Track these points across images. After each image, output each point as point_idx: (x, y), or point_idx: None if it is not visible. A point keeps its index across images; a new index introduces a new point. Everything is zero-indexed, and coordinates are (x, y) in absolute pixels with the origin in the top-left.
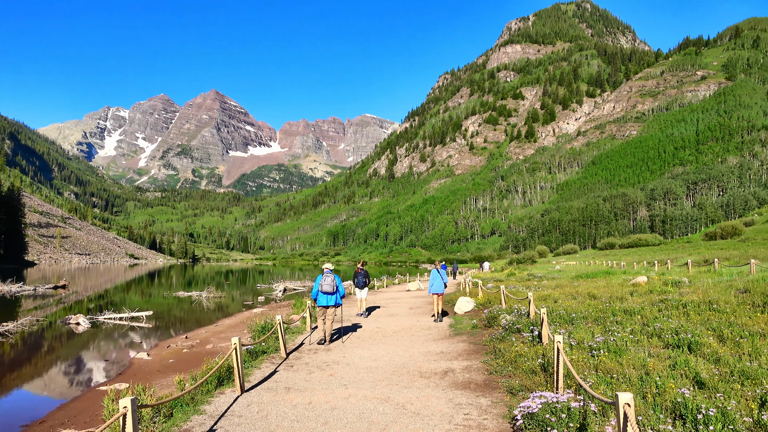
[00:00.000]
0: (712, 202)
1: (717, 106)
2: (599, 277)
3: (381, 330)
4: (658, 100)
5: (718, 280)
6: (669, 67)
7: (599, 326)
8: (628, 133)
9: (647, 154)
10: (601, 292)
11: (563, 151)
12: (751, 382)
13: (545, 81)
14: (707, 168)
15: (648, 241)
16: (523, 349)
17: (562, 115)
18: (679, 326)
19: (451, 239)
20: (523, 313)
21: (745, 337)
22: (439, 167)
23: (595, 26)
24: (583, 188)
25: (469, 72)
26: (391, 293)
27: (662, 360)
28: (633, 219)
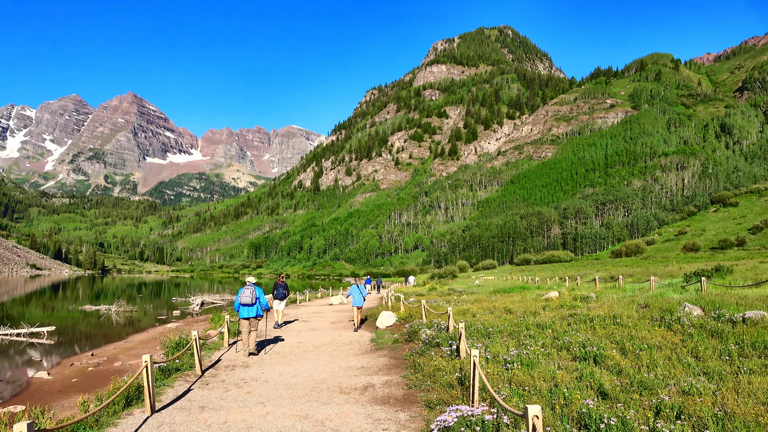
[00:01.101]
0: (619, 221)
1: (624, 132)
2: (515, 292)
3: (302, 345)
4: (571, 124)
5: (622, 296)
6: (582, 94)
7: (514, 340)
8: (544, 155)
9: (561, 175)
10: (516, 306)
11: (484, 170)
12: (648, 392)
13: (468, 101)
14: (615, 190)
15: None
16: (441, 363)
17: (484, 135)
18: (586, 340)
19: (375, 253)
20: (443, 327)
21: (644, 350)
22: (364, 181)
23: (515, 52)
24: (502, 206)
25: (396, 89)
26: (314, 307)
27: (570, 372)
28: (547, 236)
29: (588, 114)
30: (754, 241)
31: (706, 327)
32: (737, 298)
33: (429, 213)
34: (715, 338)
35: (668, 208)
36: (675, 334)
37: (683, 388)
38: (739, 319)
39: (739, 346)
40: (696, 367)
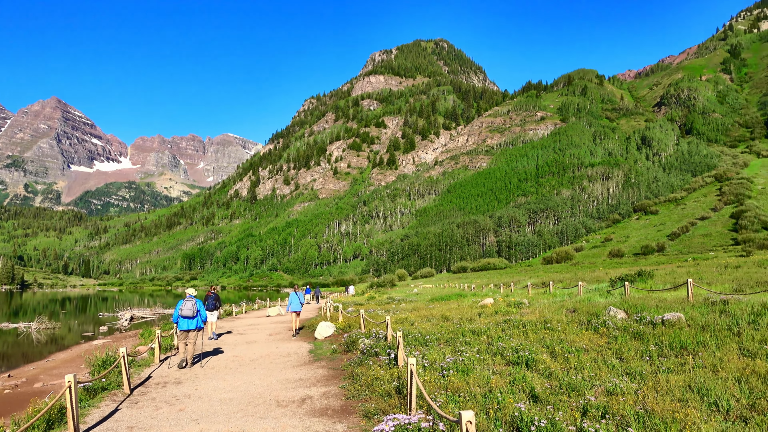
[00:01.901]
0: (550, 229)
1: (553, 144)
2: (452, 300)
3: (238, 358)
4: (505, 135)
5: (553, 301)
6: (514, 106)
7: (450, 347)
8: (479, 165)
9: (495, 185)
10: (453, 314)
11: (422, 179)
12: (576, 394)
13: (406, 112)
14: (545, 199)
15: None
16: (379, 372)
17: (422, 145)
18: (519, 345)
19: (314, 263)
20: (381, 336)
21: (572, 353)
22: (303, 190)
23: (451, 64)
24: (440, 215)
25: (335, 98)
26: (251, 319)
27: (504, 377)
28: (483, 244)
29: (520, 126)
30: (672, 247)
31: (629, 329)
32: (657, 301)
33: (368, 222)
34: (637, 340)
35: (595, 216)
36: (601, 336)
37: (608, 388)
38: (658, 321)
39: (658, 347)
40: (620, 368)
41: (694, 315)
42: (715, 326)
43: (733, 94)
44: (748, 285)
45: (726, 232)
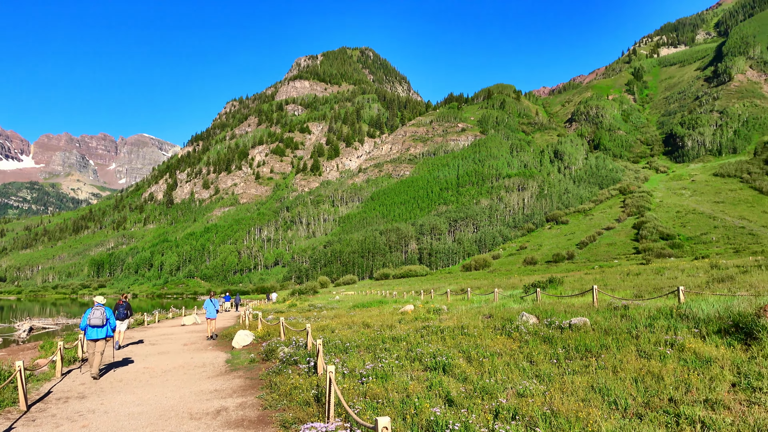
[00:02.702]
0: (469, 237)
1: (473, 154)
2: (374, 307)
3: (149, 370)
4: (427, 145)
5: (470, 307)
6: (437, 117)
7: (370, 354)
8: (402, 173)
9: (418, 193)
10: (374, 320)
11: (346, 186)
12: (489, 397)
13: (331, 118)
14: (465, 208)
15: (417, 271)
16: (298, 381)
17: (346, 152)
18: (437, 350)
19: (233, 270)
20: (301, 344)
21: (487, 357)
22: (223, 195)
23: (376, 73)
24: (363, 222)
25: (258, 102)
26: (164, 328)
27: (422, 382)
28: (405, 251)
29: (442, 136)
30: (581, 255)
31: (539, 334)
32: (566, 307)
33: (291, 228)
34: (547, 343)
35: (511, 225)
36: (514, 341)
37: (519, 390)
38: (566, 326)
39: (565, 350)
40: (530, 371)
41: (598, 319)
42: (616, 330)
43: (636, 114)
44: (647, 291)
45: (629, 241)
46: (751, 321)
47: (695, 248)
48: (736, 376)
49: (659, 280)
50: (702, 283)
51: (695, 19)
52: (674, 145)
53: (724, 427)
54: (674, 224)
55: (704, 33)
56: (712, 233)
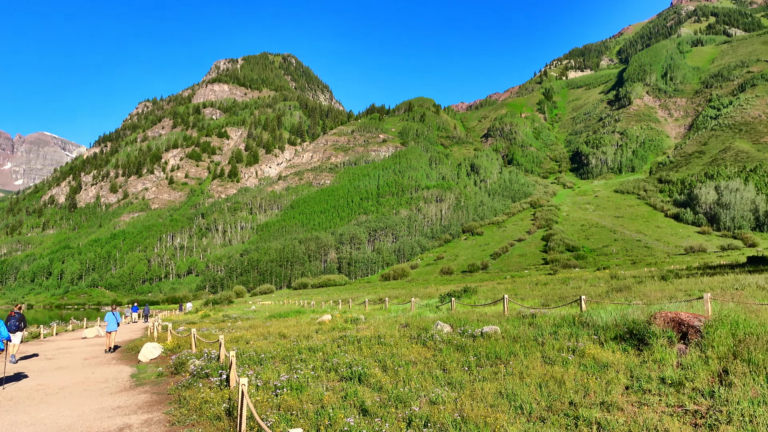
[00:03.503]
0: (388, 247)
1: (394, 165)
2: (291, 317)
3: (44, 387)
4: (348, 155)
5: (387, 317)
6: (358, 127)
7: (286, 365)
8: (323, 182)
9: (338, 202)
10: (291, 331)
11: (265, 194)
12: (403, 405)
13: (251, 124)
14: (385, 218)
15: (336, 281)
16: (209, 394)
17: (265, 159)
18: (353, 360)
19: (142, 278)
20: (214, 356)
21: (402, 366)
22: (132, 199)
23: (299, 80)
24: (282, 230)
25: (174, 104)
26: (62, 342)
27: (337, 392)
28: (324, 260)
29: (363, 146)
30: (494, 265)
31: (453, 342)
32: (479, 315)
33: (205, 236)
34: (460, 351)
35: (429, 235)
36: (429, 349)
37: (431, 398)
38: (478, 334)
39: (476, 357)
40: (443, 379)
41: (508, 328)
42: (524, 337)
43: (546, 132)
44: (553, 300)
45: (538, 252)
46: (643, 328)
47: (597, 259)
48: (629, 380)
49: (565, 289)
50: (602, 292)
51: (600, 46)
52: (580, 163)
53: (617, 427)
54: (579, 237)
55: (608, 59)
56: (613, 246)
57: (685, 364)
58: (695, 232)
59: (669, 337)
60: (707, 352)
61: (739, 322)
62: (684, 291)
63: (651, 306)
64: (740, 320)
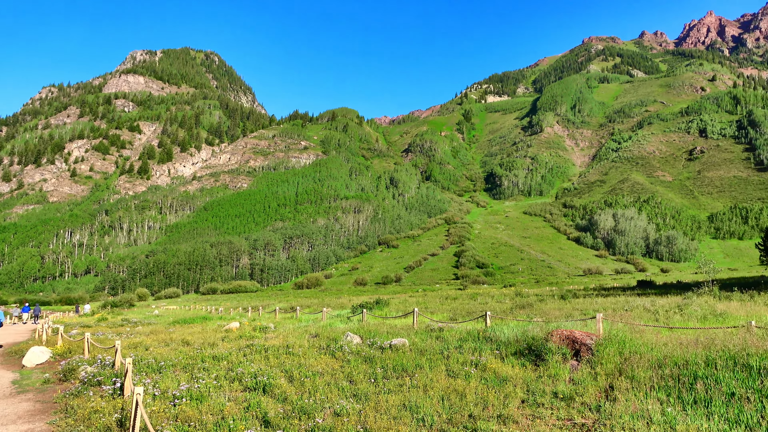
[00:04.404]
0: (303, 255)
1: (314, 173)
2: (197, 323)
3: None
4: (268, 159)
5: (298, 326)
6: (280, 132)
7: (187, 373)
8: (240, 185)
9: (254, 207)
10: (195, 338)
11: (177, 193)
12: (307, 417)
13: (166, 120)
14: (302, 226)
15: (247, 287)
16: (100, 404)
17: (180, 158)
18: (258, 370)
19: (33, 276)
20: (108, 363)
21: (309, 377)
22: (28, 190)
23: (221, 80)
24: (193, 232)
25: (82, 92)
26: None
27: (240, 403)
28: (236, 266)
29: (284, 152)
30: (408, 278)
31: (361, 353)
32: (389, 328)
33: (108, 234)
34: (368, 363)
35: (345, 245)
36: (337, 360)
37: (336, 410)
38: (387, 346)
39: (384, 369)
40: (349, 390)
41: (416, 340)
42: (431, 350)
43: (464, 151)
44: (461, 314)
45: (450, 267)
46: (541, 344)
47: (505, 277)
48: (525, 393)
49: (473, 304)
50: (507, 309)
51: (517, 74)
52: (494, 183)
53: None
54: (489, 254)
55: (524, 87)
56: (519, 264)
57: (577, 379)
58: (593, 255)
59: (564, 354)
60: (596, 369)
61: (625, 341)
62: (580, 310)
63: (549, 324)
64: (627, 340)
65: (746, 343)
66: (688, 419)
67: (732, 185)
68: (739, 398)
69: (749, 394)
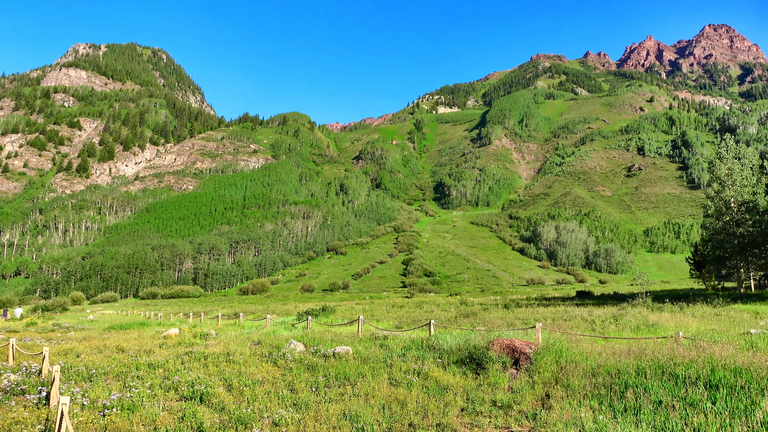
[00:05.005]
0: (249, 260)
1: (263, 177)
2: (134, 329)
3: None
4: (216, 161)
5: (240, 333)
6: (229, 134)
7: (120, 382)
8: (185, 187)
9: (200, 210)
10: (131, 344)
11: (118, 193)
12: (244, 427)
13: (109, 117)
14: (249, 230)
15: (190, 292)
16: (23, 414)
17: (122, 156)
18: (196, 378)
19: None
20: (34, 371)
21: (249, 386)
22: None
23: (168, 78)
24: (134, 234)
25: (18, 83)
26: None
27: (174, 413)
28: (179, 270)
29: (233, 155)
30: (355, 285)
31: (304, 361)
32: (333, 335)
33: (42, 234)
34: (310, 371)
35: (293, 251)
36: (279, 368)
37: (275, 419)
38: (330, 354)
39: (326, 378)
40: (289, 399)
41: (360, 349)
42: (374, 359)
43: (414, 160)
44: (406, 322)
45: (398, 275)
46: (482, 353)
47: (451, 286)
48: (465, 402)
49: (418, 312)
50: (452, 317)
51: (468, 87)
52: (442, 193)
53: None
54: (436, 263)
55: (474, 100)
56: (466, 273)
57: (516, 387)
58: (536, 266)
59: (504, 363)
60: (534, 377)
61: (562, 350)
62: (522, 319)
63: (491, 333)
64: (564, 349)
65: (674, 353)
66: (618, 427)
67: (666, 201)
68: (666, 406)
69: (675, 402)
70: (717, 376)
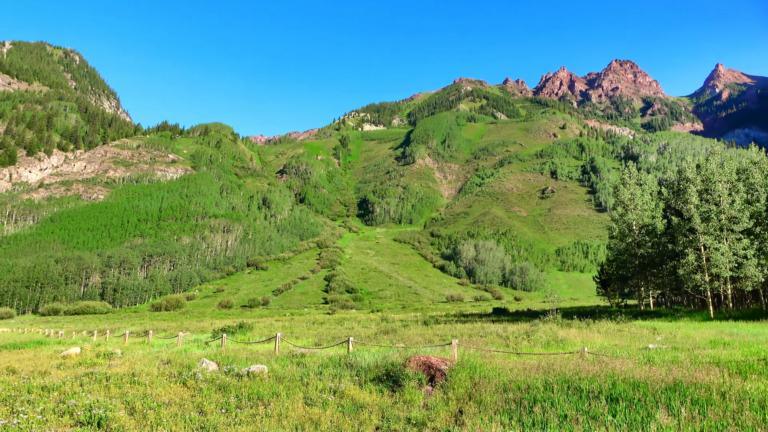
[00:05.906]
0: (164, 275)
1: (181, 189)
2: (29, 348)
3: None
4: (130, 171)
5: (149, 352)
6: (146, 143)
7: (7, 407)
8: (95, 196)
9: (111, 221)
10: (24, 365)
11: (19, 201)
12: None
13: (12, 119)
14: (164, 243)
15: (96, 308)
16: None
17: (25, 162)
18: (95, 401)
19: None
20: None
21: (153, 408)
22: None
23: (81, 81)
24: (36, 246)
25: None
26: None
27: None
28: (85, 285)
29: (149, 164)
30: (276, 302)
31: (216, 381)
32: (249, 353)
33: None
34: (222, 392)
35: (212, 266)
36: (188, 389)
37: None
38: (244, 373)
39: (238, 398)
40: (197, 422)
41: (275, 367)
42: (290, 377)
43: (339, 176)
44: (326, 339)
45: (320, 291)
46: (399, 370)
47: (373, 302)
48: (380, 420)
49: (339, 329)
50: (372, 334)
51: (394, 106)
52: (366, 210)
53: None
54: (359, 279)
55: (399, 119)
56: (388, 290)
57: (430, 404)
58: (456, 283)
59: (419, 379)
60: (449, 394)
61: (476, 366)
62: (440, 336)
63: (409, 349)
64: (478, 365)
65: (579, 368)
66: None
67: (576, 223)
68: (571, 420)
69: (579, 416)
70: (618, 389)
